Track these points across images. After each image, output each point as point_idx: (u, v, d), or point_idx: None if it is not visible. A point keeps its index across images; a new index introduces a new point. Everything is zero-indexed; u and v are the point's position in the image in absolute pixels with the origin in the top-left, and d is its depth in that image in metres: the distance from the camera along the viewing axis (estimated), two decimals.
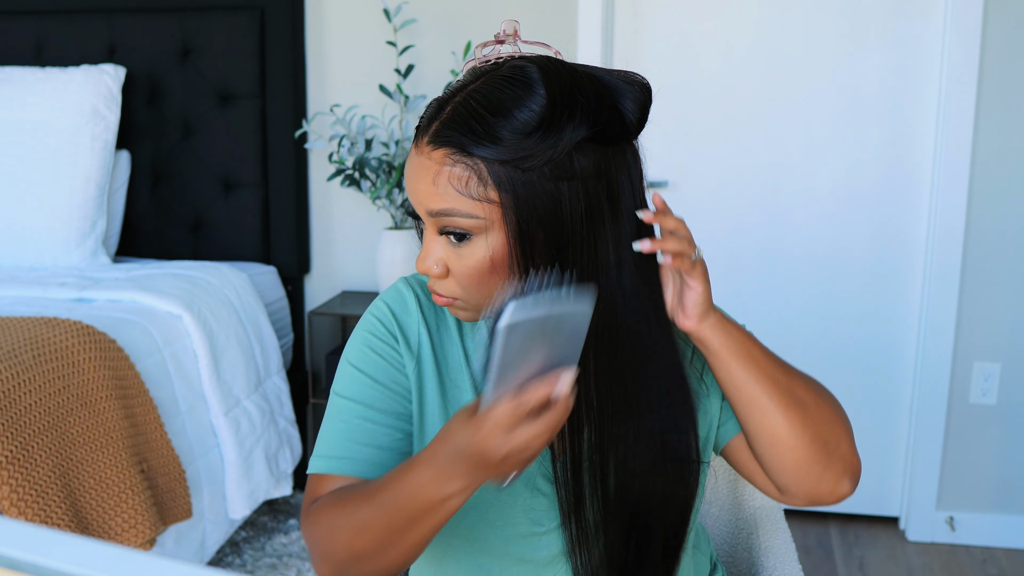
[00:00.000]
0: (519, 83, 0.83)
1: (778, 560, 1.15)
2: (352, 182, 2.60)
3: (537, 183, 0.82)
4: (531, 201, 0.82)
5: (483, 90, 0.84)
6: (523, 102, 0.81)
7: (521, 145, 0.81)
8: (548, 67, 0.84)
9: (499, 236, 0.84)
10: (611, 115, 0.84)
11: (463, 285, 0.87)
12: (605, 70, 0.88)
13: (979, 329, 2.55)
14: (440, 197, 0.84)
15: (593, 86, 0.84)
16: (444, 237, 0.87)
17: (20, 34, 2.84)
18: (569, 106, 0.82)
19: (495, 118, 0.82)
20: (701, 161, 2.65)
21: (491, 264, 0.85)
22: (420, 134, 0.87)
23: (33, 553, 0.35)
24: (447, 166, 0.83)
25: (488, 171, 0.82)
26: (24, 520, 1.62)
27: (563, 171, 0.82)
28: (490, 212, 0.83)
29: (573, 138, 0.81)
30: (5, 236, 2.55)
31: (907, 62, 2.52)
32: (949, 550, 2.59)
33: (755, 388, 0.90)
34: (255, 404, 2.39)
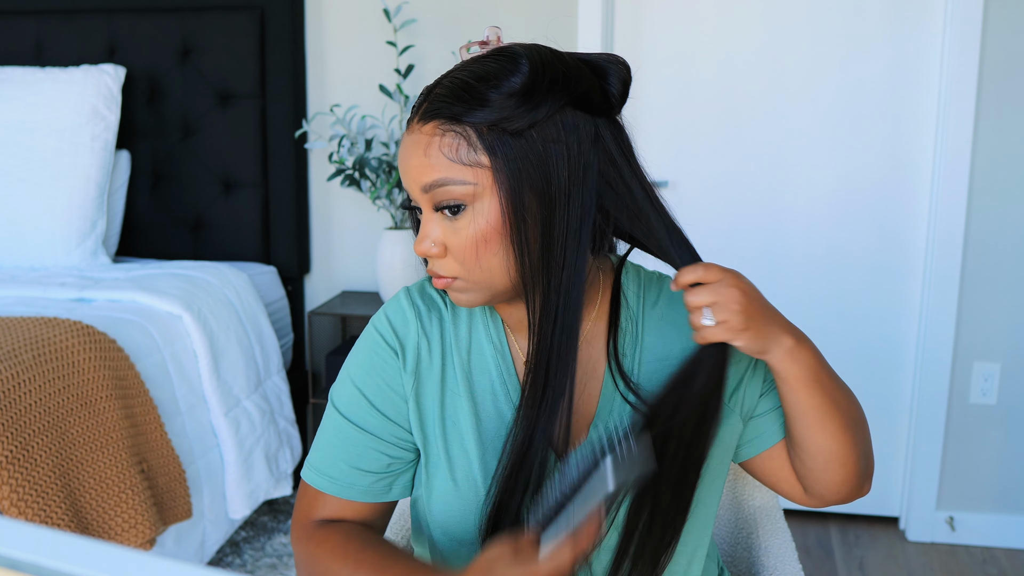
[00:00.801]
0: (504, 58, 0.87)
1: (778, 560, 1.15)
2: (352, 182, 2.60)
3: (525, 146, 0.84)
4: (521, 163, 0.84)
5: (470, 67, 0.88)
6: (508, 71, 0.85)
7: (506, 105, 0.84)
8: (530, 45, 0.89)
9: (492, 202, 0.85)
10: (592, 85, 0.87)
11: (461, 261, 0.88)
12: (587, 53, 0.92)
13: (979, 329, 2.55)
14: (432, 168, 0.86)
15: (574, 61, 0.88)
16: (439, 214, 0.88)
17: (20, 34, 2.84)
18: (551, 73, 0.85)
19: (481, 84, 0.85)
20: (701, 161, 2.65)
21: (486, 233, 0.86)
22: (411, 117, 0.90)
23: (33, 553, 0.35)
24: (437, 136, 0.86)
25: (477, 136, 0.85)
26: (24, 520, 1.62)
27: (549, 135, 0.85)
28: (482, 177, 0.85)
29: (557, 102, 0.85)
30: (5, 236, 2.55)
31: (907, 61, 2.52)
32: (949, 550, 2.59)
33: (820, 412, 0.90)
34: (255, 404, 2.39)
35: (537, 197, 0.85)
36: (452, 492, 0.93)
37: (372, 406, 0.96)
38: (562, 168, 0.85)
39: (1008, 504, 2.61)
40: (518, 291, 0.90)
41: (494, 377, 0.96)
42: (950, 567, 2.50)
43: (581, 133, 0.86)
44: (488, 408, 0.95)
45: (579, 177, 0.86)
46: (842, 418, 0.91)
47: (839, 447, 0.92)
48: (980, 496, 2.62)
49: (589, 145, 0.87)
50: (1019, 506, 2.60)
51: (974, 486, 2.62)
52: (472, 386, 0.96)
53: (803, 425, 0.91)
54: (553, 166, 0.85)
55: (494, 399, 0.95)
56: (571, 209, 0.86)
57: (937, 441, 2.59)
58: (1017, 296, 2.52)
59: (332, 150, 2.72)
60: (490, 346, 0.97)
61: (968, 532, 2.62)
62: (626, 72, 0.90)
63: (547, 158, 0.85)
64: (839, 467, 0.93)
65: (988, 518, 2.61)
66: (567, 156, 0.85)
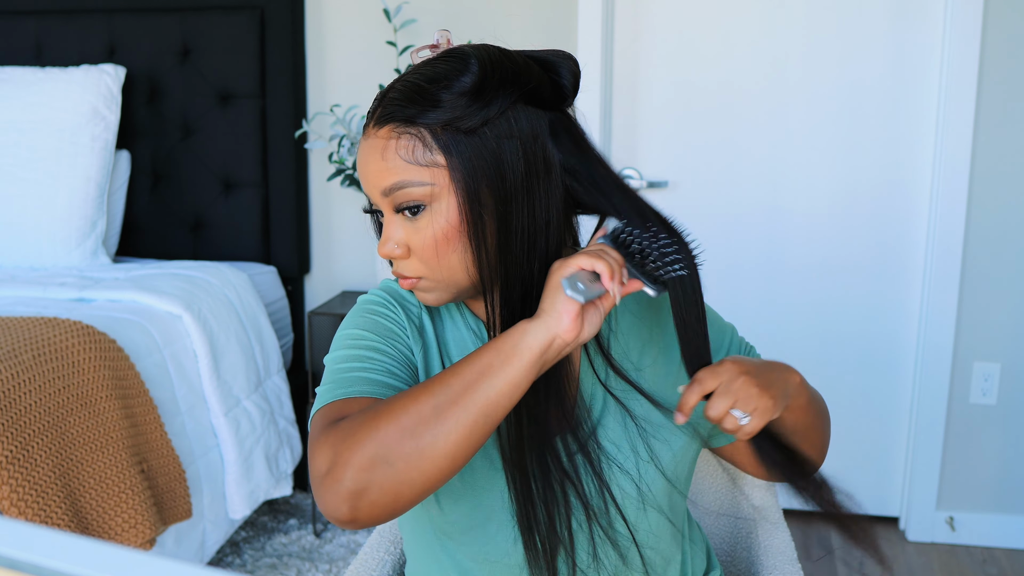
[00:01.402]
0: (453, 58, 0.89)
1: (778, 560, 1.15)
2: (352, 182, 2.60)
3: (479, 143, 0.86)
4: (475, 161, 0.86)
5: (420, 70, 0.89)
6: (458, 71, 0.87)
7: (458, 104, 0.85)
8: (478, 45, 0.91)
9: (450, 200, 0.87)
10: (542, 80, 0.90)
11: (424, 260, 0.89)
12: (536, 50, 0.94)
13: (979, 329, 2.55)
14: (389, 171, 0.87)
15: (523, 58, 0.91)
16: (400, 216, 0.89)
17: (20, 34, 2.84)
18: (500, 71, 0.87)
19: (433, 86, 0.87)
20: (701, 161, 2.65)
21: (446, 231, 0.87)
22: (367, 123, 0.91)
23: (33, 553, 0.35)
24: (393, 139, 0.87)
25: (432, 137, 0.86)
26: (24, 520, 1.62)
27: (502, 131, 0.87)
28: (439, 177, 0.87)
29: (507, 98, 0.87)
30: (5, 236, 2.55)
31: (907, 61, 2.52)
32: (949, 550, 2.59)
33: (812, 427, 1.02)
34: (255, 404, 2.39)
35: (493, 193, 0.87)
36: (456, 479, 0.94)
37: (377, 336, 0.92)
38: (517, 163, 0.87)
39: (1008, 504, 2.61)
40: (478, 288, 0.91)
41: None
42: (950, 567, 2.50)
43: (535, 127, 0.88)
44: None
45: (538, 171, 0.88)
46: (821, 430, 1.04)
47: (818, 449, 1.04)
48: (980, 496, 2.62)
49: (545, 138, 0.89)
50: (1019, 506, 2.60)
51: (974, 486, 2.62)
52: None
53: (796, 438, 0.98)
54: (507, 162, 0.87)
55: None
56: (533, 202, 0.88)
57: (937, 441, 2.59)
58: (1017, 296, 2.52)
59: (332, 150, 2.72)
60: (470, 333, 0.98)
61: (968, 532, 2.62)
62: (575, 66, 0.93)
63: (501, 154, 0.86)
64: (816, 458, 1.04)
65: (988, 518, 2.61)
66: (522, 151, 0.87)
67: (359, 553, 1.18)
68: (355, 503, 0.76)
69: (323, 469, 0.77)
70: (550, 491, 0.90)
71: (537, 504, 0.90)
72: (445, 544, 0.99)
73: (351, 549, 2.50)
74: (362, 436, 0.77)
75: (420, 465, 0.76)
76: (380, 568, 1.15)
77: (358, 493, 0.75)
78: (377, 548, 1.18)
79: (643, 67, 2.62)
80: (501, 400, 0.78)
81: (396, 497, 0.76)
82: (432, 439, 0.76)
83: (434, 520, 0.98)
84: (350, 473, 0.75)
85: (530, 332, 0.79)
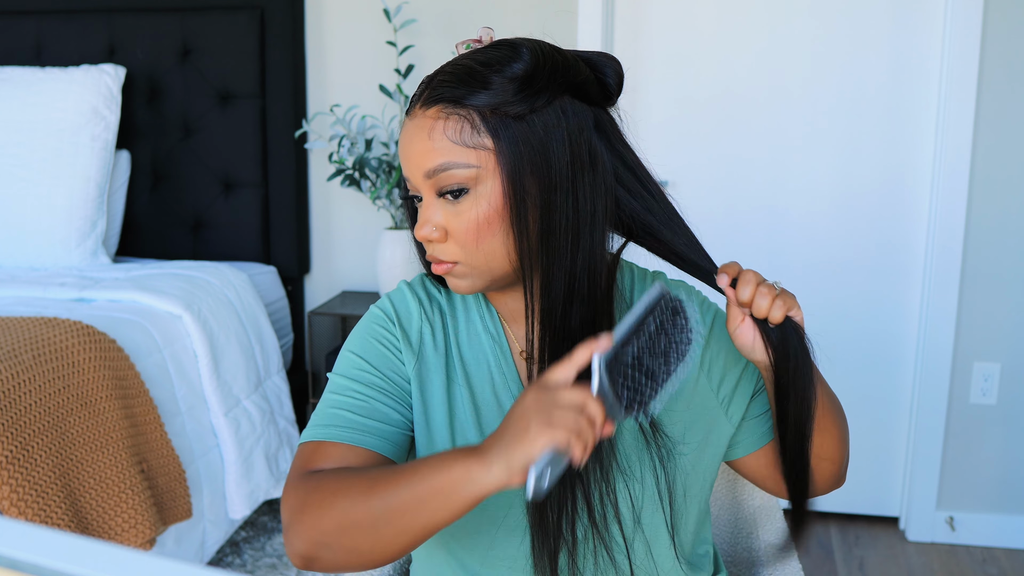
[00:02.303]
0: (504, 46, 0.89)
1: (778, 560, 1.15)
2: (352, 182, 2.60)
3: (527, 130, 0.86)
4: (522, 146, 0.86)
5: (471, 55, 0.90)
6: (510, 58, 0.88)
7: (509, 89, 0.86)
8: (529, 38, 0.92)
9: (494, 185, 0.87)
10: (589, 76, 0.90)
11: (462, 244, 0.89)
12: (580, 50, 0.94)
13: (979, 329, 2.55)
14: (436, 152, 0.87)
15: (571, 54, 0.92)
16: (441, 199, 0.89)
17: (20, 34, 2.84)
18: (551, 62, 0.88)
19: (485, 69, 0.87)
20: (701, 161, 2.65)
21: (488, 215, 0.87)
22: (413, 104, 0.91)
23: (33, 553, 0.35)
24: (441, 119, 0.87)
25: (481, 119, 0.86)
26: (24, 520, 1.62)
27: (550, 121, 0.87)
28: (485, 160, 0.87)
29: (557, 90, 0.87)
30: (5, 236, 2.55)
31: (908, 60, 2.52)
32: (949, 550, 2.59)
33: (819, 414, 0.94)
34: (255, 404, 2.39)
35: (538, 181, 0.87)
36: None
37: (373, 367, 0.95)
38: (563, 153, 0.87)
39: (1008, 504, 2.61)
40: (517, 275, 0.91)
41: (492, 366, 0.97)
42: (950, 567, 2.50)
43: (581, 121, 0.89)
44: (487, 397, 0.96)
45: (583, 163, 0.88)
46: (835, 420, 0.96)
47: (831, 445, 0.96)
48: (980, 496, 2.62)
49: (590, 133, 0.89)
50: (1019, 506, 2.60)
51: (974, 486, 2.62)
52: (469, 376, 0.97)
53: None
54: (553, 151, 0.87)
55: (492, 388, 0.97)
56: (577, 193, 0.88)
57: (937, 441, 2.59)
58: (1017, 296, 2.52)
59: (332, 150, 2.72)
60: (487, 336, 0.98)
61: (968, 532, 2.62)
62: (619, 67, 0.94)
63: (548, 142, 0.87)
64: (830, 465, 0.98)
65: (988, 518, 2.61)
66: (568, 142, 0.87)
67: None
68: (307, 564, 0.85)
69: (284, 521, 0.87)
70: (563, 495, 0.90)
71: (549, 506, 0.89)
72: (451, 546, 0.98)
73: None
74: (311, 517, 0.83)
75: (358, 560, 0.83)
76: (380, 568, 1.15)
77: (308, 559, 0.84)
78: None
79: (643, 67, 2.62)
80: (440, 524, 0.79)
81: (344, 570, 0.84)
82: (369, 545, 0.81)
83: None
84: (300, 541, 0.84)
85: (475, 481, 0.75)
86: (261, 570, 2.38)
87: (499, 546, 0.95)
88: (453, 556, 0.98)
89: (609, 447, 0.93)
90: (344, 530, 0.81)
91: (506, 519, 0.94)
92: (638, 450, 0.95)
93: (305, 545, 0.83)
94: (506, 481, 0.75)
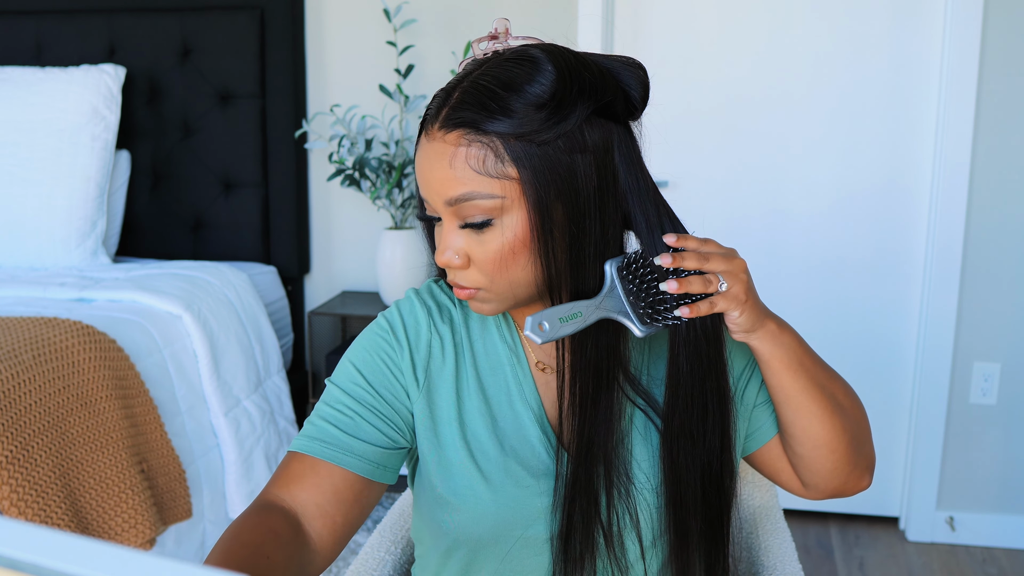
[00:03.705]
0: (526, 62, 0.84)
1: (778, 560, 1.15)
2: (352, 182, 2.60)
3: (553, 156, 0.82)
4: (549, 174, 0.82)
5: (491, 72, 0.84)
6: (533, 77, 0.82)
7: (534, 117, 0.81)
8: (551, 48, 0.86)
9: (520, 214, 0.83)
10: (616, 92, 0.86)
11: (486, 273, 0.86)
12: (603, 55, 0.89)
13: (979, 329, 2.55)
14: (458, 181, 0.83)
15: (596, 66, 0.86)
16: (464, 228, 0.85)
17: (20, 34, 2.84)
18: (578, 80, 0.83)
19: (507, 93, 0.82)
20: (701, 161, 2.65)
21: (513, 245, 0.84)
22: (429, 123, 0.85)
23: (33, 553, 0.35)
24: (462, 146, 0.82)
25: (504, 147, 0.82)
26: (24, 520, 1.62)
27: (576, 144, 0.83)
28: (509, 190, 0.82)
29: (584, 111, 0.83)
30: (5, 236, 2.55)
31: (908, 61, 2.52)
32: (949, 550, 2.59)
33: (805, 396, 0.92)
34: (255, 404, 2.39)
35: (565, 209, 0.83)
36: (484, 489, 0.92)
37: (368, 384, 0.94)
38: (591, 177, 0.84)
39: (1008, 504, 2.61)
40: (543, 297, 0.90)
41: (508, 377, 0.96)
42: (950, 567, 2.50)
43: (607, 140, 0.85)
44: (503, 408, 0.95)
45: (609, 185, 0.85)
46: (827, 402, 0.92)
47: (826, 432, 0.93)
48: (980, 496, 2.62)
49: (615, 152, 0.86)
50: (1019, 506, 2.60)
51: (974, 486, 2.62)
52: (485, 387, 0.95)
53: (789, 410, 0.93)
54: (581, 176, 0.83)
55: (508, 398, 0.95)
56: (604, 217, 0.85)
57: (937, 441, 2.59)
58: (1017, 296, 2.52)
59: (332, 150, 2.72)
60: (504, 346, 0.97)
61: (968, 532, 2.62)
62: (645, 76, 0.89)
63: (575, 168, 0.83)
64: (828, 453, 0.94)
65: (988, 518, 2.61)
66: (595, 165, 0.84)
67: (359, 553, 1.18)
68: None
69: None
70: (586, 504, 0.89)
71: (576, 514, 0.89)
72: (461, 553, 0.97)
73: (351, 549, 2.50)
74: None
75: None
76: (381, 568, 1.15)
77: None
78: (378, 548, 1.18)
79: None
80: None
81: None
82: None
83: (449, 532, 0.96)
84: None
85: None
86: None
87: (514, 558, 0.94)
88: (461, 565, 0.98)
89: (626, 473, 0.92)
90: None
91: (525, 532, 0.93)
92: (651, 455, 0.94)
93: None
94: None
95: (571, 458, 0.90)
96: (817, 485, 0.98)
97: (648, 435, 0.95)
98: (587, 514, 0.89)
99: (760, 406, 1.00)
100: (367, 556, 1.16)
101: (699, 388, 0.91)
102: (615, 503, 0.91)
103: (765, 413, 1.00)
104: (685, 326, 0.88)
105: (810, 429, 0.93)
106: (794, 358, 0.90)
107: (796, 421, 0.93)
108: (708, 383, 0.91)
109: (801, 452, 0.95)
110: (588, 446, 0.89)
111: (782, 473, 1.01)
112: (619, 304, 0.85)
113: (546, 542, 0.93)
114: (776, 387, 0.92)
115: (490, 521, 0.92)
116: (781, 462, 1.00)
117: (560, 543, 0.90)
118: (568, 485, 0.90)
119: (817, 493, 0.99)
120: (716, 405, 0.92)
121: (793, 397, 0.92)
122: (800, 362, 0.91)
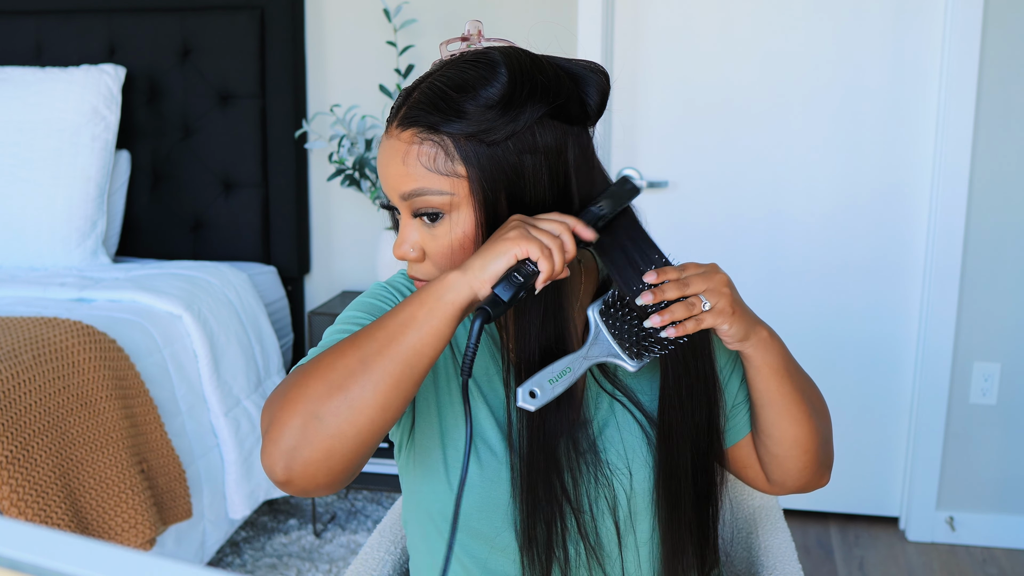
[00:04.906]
0: (482, 64, 0.87)
1: (778, 560, 1.15)
2: (352, 182, 2.60)
3: (502, 156, 0.85)
4: (497, 174, 0.85)
5: (447, 74, 0.88)
6: (487, 79, 0.85)
7: (484, 117, 0.84)
8: (509, 51, 0.89)
9: (468, 212, 0.87)
10: (571, 95, 0.88)
11: (438, 265, 0.89)
12: (566, 59, 0.92)
13: (979, 329, 2.55)
14: (410, 177, 0.87)
15: (553, 69, 0.89)
16: (418, 220, 0.89)
17: (20, 34, 2.84)
18: (530, 83, 0.86)
19: (459, 95, 0.85)
20: (701, 162, 2.65)
21: (462, 241, 0.87)
22: (390, 121, 0.90)
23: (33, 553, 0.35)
24: (415, 144, 0.86)
25: (455, 147, 0.85)
26: (24, 520, 1.62)
27: (526, 145, 0.86)
28: (459, 187, 0.86)
29: (534, 113, 0.85)
30: (5, 236, 2.55)
31: (907, 62, 2.52)
32: (949, 550, 2.59)
33: (789, 399, 0.95)
34: (255, 404, 2.39)
35: (511, 205, 0.87)
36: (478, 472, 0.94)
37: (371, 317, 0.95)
38: (540, 178, 0.86)
39: (1008, 504, 2.61)
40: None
41: (486, 355, 0.98)
42: (950, 567, 2.50)
43: (560, 143, 0.87)
44: (484, 386, 0.97)
45: (560, 186, 0.88)
46: (806, 406, 0.96)
47: (803, 433, 0.96)
48: (980, 496, 2.62)
49: (567, 155, 0.88)
50: (1019, 506, 2.60)
51: (974, 486, 2.62)
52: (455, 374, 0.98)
53: (772, 412, 0.96)
54: (529, 176, 0.86)
55: (487, 377, 0.97)
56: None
57: (937, 441, 2.59)
58: (1017, 296, 2.52)
59: (332, 150, 2.72)
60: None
61: (968, 532, 2.62)
62: (605, 82, 0.91)
63: (523, 168, 0.86)
64: (802, 453, 0.98)
65: (988, 518, 2.61)
66: (545, 166, 0.86)
67: (359, 553, 1.18)
68: (289, 462, 0.79)
69: (263, 430, 0.83)
70: (550, 488, 0.90)
71: (538, 523, 0.90)
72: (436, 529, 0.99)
73: (351, 549, 2.50)
74: (294, 395, 0.80)
75: (350, 417, 0.79)
76: (380, 568, 1.15)
77: (291, 451, 0.78)
78: (377, 548, 1.18)
79: (643, 67, 2.62)
80: (425, 349, 0.80)
81: (328, 453, 0.79)
82: (360, 390, 0.79)
83: (434, 517, 0.98)
84: (284, 432, 0.79)
85: (453, 287, 0.80)
86: (261, 570, 2.38)
87: (493, 565, 0.96)
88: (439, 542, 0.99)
89: (595, 454, 0.93)
90: (335, 386, 0.79)
91: (498, 539, 0.94)
92: (628, 451, 0.95)
93: (288, 431, 0.78)
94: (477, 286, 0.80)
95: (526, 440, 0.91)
96: (784, 483, 1.01)
97: (624, 420, 0.96)
98: (549, 495, 0.90)
99: (738, 405, 1.03)
100: (367, 556, 1.16)
101: (687, 381, 0.94)
102: (587, 488, 0.93)
103: (741, 412, 1.03)
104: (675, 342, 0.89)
105: (789, 430, 0.96)
106: (782, 364, 0.94)
107: (777, 423, 0.96)
108: (698, 375, 0.95)
109: (776, 452, 0.98)
110: (539, 431, 0.90)
111: (748, 470, 1.04)
112: (607, 348, 0.87)
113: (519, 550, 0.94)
114: (763, 391, 0.95)
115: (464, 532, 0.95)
116: (750, 459, 1.04)
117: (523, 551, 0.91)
118: (525, 464, 0.91)
119: (781, 490, 1.03)
120: (705, 396, 0.95)
121: (777, 401, 0.95)
122: (786, 367, 0.94)
